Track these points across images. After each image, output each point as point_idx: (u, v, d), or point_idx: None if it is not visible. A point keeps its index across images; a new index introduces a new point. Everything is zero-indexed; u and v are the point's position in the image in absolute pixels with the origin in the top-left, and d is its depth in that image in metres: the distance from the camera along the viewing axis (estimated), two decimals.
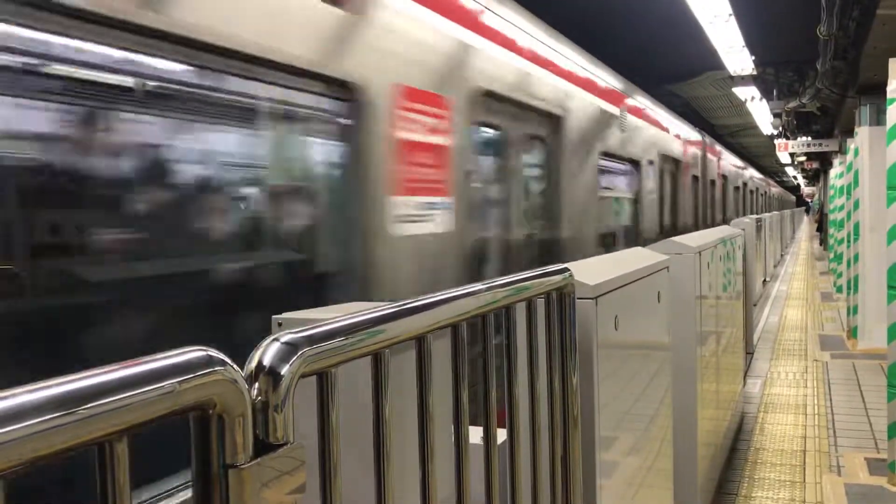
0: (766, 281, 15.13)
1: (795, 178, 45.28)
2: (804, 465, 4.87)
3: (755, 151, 32.54)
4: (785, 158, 27.88)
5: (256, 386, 0.90)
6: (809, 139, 18.18)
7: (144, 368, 0.75)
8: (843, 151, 13.30)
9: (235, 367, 0.85)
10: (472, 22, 3.93)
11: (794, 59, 13.55)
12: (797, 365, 7.92)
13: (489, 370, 1.51)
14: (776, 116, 16.51)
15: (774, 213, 19.35)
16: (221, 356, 0.83)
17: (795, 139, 18.47)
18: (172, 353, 0.79)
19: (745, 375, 6.73)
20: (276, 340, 0.95)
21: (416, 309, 1.27)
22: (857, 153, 8.79)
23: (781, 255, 22.26)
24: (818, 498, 4.32)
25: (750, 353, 7.89)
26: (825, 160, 22.01)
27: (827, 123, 16.39)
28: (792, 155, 23.23)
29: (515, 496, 1.65)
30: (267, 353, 0.93)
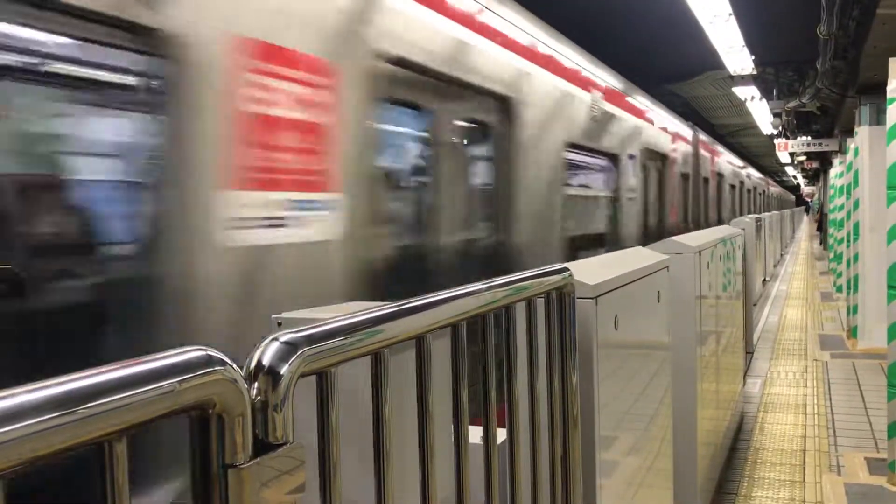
0: (765, 280, 15.14)
1: (795, 177, 45.32)
2: (804, 464, 4.87)
3: (755, 151, 32.58)
4: (785, 158, 27.89)
5: (256, 385, 0.90)
6: (809, 139, 18.20)
7: (144, 368, 0.75)
8: (842, 151, 13.31)
9: (235, 366, 0.85)
10: None
11: (793, 58, 13.56)
12: (797, 365, 7.92)
13: (489, 370, 1.51)
14: (776, 116, 16.53)
15: (774, 212, 19.34)
16: (221, 356, 0.83)
17: (795, 139, 18.49)
18: (172, 352, 0.79)
19: (744, 375, 6.73)
20: (275, 340, 0.95)
21: (415, 308, 1.27)
22: (856, 153, 8.79)
23: (781, 254, 22.27)
24: (818, 497, 4.32)
25: (750, 352, 7.89)
26: (825, 160, 22.02)
27: (827, 123, 16.40)
28: (792, 155, 23.24)
29: (515, 496, 1.65)
30: (266, 352, 0.93)
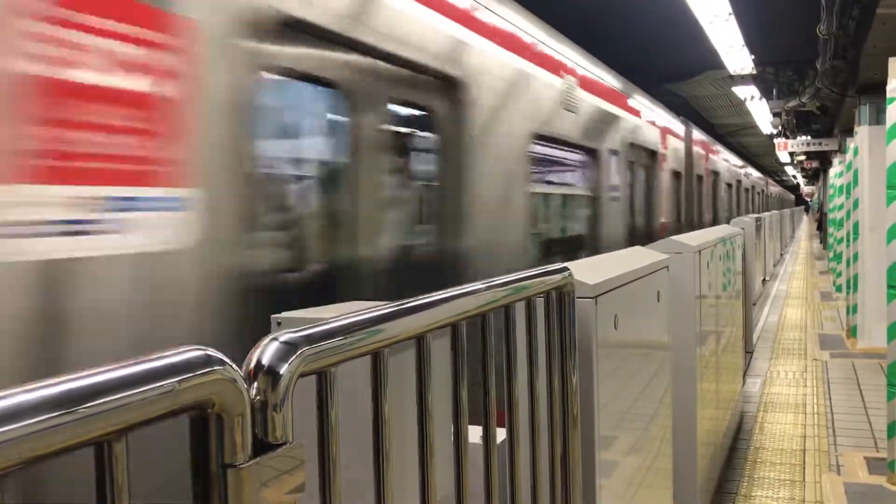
0: (765, 280, 15.14)
1: (795, 177, 45.33)
2: (804, 464, 4.87)
3: (755, 151, 32.60)
4: (784, 158, 27.90)
5: (255, 385, 0.90)
6: (809, 138, 18.20)
7: (143, 368, 0.75)
8: (842, 151, 13.31)
9: (234, 366, 0.85)
10: None
11: (793, 58, 13.56)
12: (797, 364, 7.92)
13: (489, 369, 1.51)
14: (776, 116, 16.54)
15: (774, 212, 19.34)
16: (220, 355, 0.83)
17: (795, 138, 18.50)
18: (171, 352, 0.79)
19: (744, 375, 6.73)
20: (274, 340, 0.95)
21: (415, 308, 1.27)
22: (856, 152, 8.80)
23: (781, 254, 22.27)
24: (818, 497, 4.32)
25: (749, 352, 7.89)
26: (825, 159, 22.03)
27: (826, 123, 16.40)
28: (791, 154, 23.24)
29: (515, 496, 1.65)
30: (266, 352, 0.93)
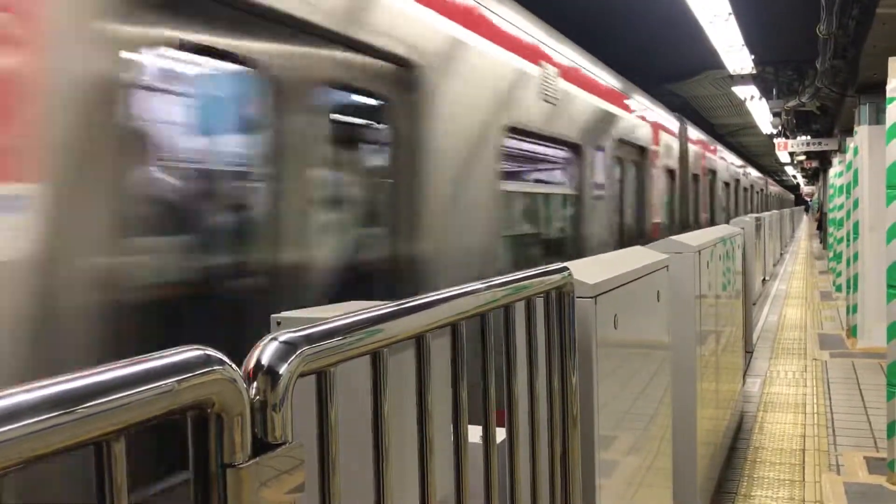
0: (765, 280, 15.14)
1: (795, 177, 45.33)
2: (803, 463, 4.87)
3: (755, 150, 32.62)
4: (784, 157, 27.90)
5: (255, 385, 0.90)
6: (809, 138, 18.20)
7: (142, 367, 0.75)
8: (842, 150, 13.32)
9: (234, 366, 0.85)
10: None
11: (793, 58, 13.57)
12: (796, 364, 7.92)
13: (488, 369, 1.51)
14: (776, 115, 16.54)
15: (773, 212, 19.34)
16: (220, 355, 0.83)
17: (795, 138, 18.50)
18: (170, 351, 0.79)
19: (744, 374, 6.73)
20: (274, 339, 0.95)
21: (414, 308, 1.26)
22: (856, 152, 8.80)
23: (781, 253, 22.27)
24: (817, 497, 4.32)
25: (749, 352, 7.88)
26: (824, 159, 22.03)
27: (826, 122, 16.40)
28: (791, 154, 23.24)
29: (514, 496, 1.65)
30: (265, 352, 0.93)
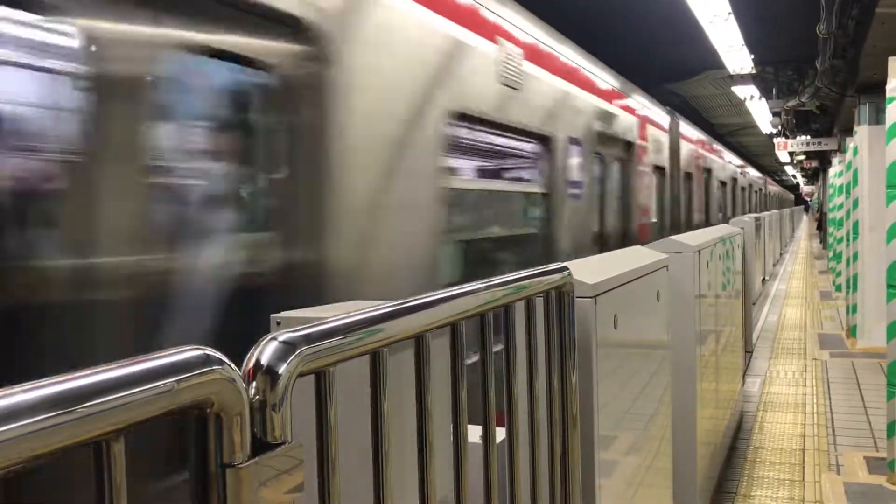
0: (765, 280, 15.14)
1: (795, 176, 45.33)
2: (803, 463, 4.87)
3: (755, 150, 32.61)
4: (784, 157, 27.90)
5: (254, 385, 0.90)
6: (808, 138, 18.20)
7: (141, 367, 0.75)
8: (842, 150, 13.31)
9: (233, 366, 0.85)
10: None
11: (793, 57, 13.56)
12: (796, 364, 7.92)
13: (488, 369, 1.51)
14: (775, 115, 16.52)
15: (773, 211, 19.33)
16: (219, 355, 0.83)
17: (795, 138, 18.49)
18: (169, 351, 0.79)
19: (744, 374, 6.73)
20: (273, 339, 0.95)
21: (414, 308, 1.26)
22: (856, 152, 8.80)
23: (781, 253, 22.27)
24: (817, 497, 4.32)
25: (749, 351, 7.89)
26: (824, 159, 22.02)
27: (826, 122, 16.40)
28: (791, 154, 23.24)
29: (514, 495, 1.65)
30: (265, 351, 0.93)
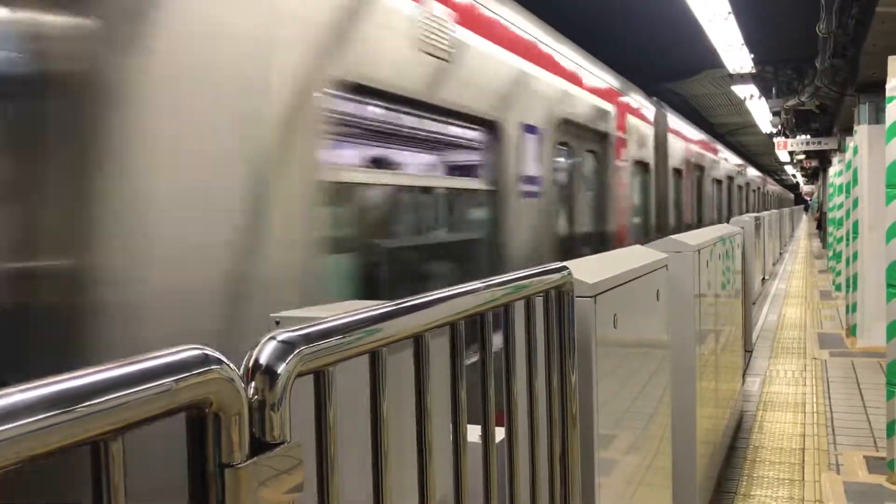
0: (765, 279, 15.14)
1: (794, 176, 45.33)
2: (803, 463, 4.87)
3: (754, 150, 32.61)
4: (784, 157, 27.90)
5: (253, 385, 0.90)
6: (808, 137, 18.21)
7: (140, 367, 0.75)
8: (842, 150, 13.32)
9: (231, 365, 0.84)
10: None
11: (793, 57, 13.55)
12: (796, 363, 7.92)
13: (487, 368, 1.51)
14: (775, 115, 16.53)
15: (773, 211, 19.33)
16: (218, 355, 0.83)
17: (794, 137, 18.50)
18: (168, 351, 0.79)
19: (743, 374, 6.73)
20: (272, 339, 0.95)
21: (413, 307, 1.26)
22: (856, 151, 8.79)
23: (780, 253, 22.27)
24: (817, 496, 4.32)
25: (749, 351, 7.89)
26: (824, 158, 22.04)
27: (826, 122, 16.41)
28: (791, 153, 23.24)
29: (514, 495, 1.65)
30: (263, 351, 0.93)
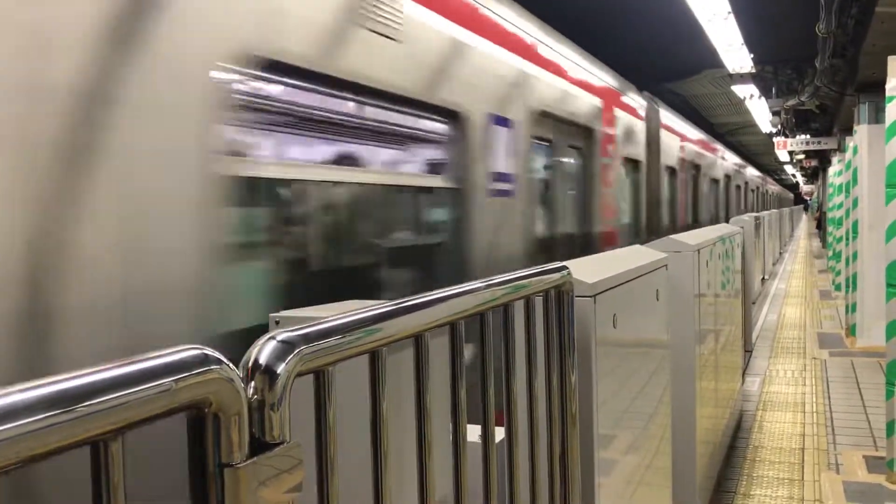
0: (764, 279, 15.14)
1: (794, 176, 45.32)
2: (803, 462, 4.87)
3: (754, 149, 32.61)
4: (784, 157, 27.90)
5: (252, 384, 0.90)
6: (808, 137, 18.20)
7: (139, 367, 0.75)
8: (841, 149, 13.31)
9: (231, 365, 0.84)
10: None
11: (792, 56, 13.55)
12: (796, 363, 7.92)
13: (487, 368, 1.51)
14: (775, 114, 16.53)
15: (773, 211, 19.33)
16: (217, 355, 0.83)
17: (794, 137, 18.49)
18: (168, 351, 0.79)
19: (743, 373, 6.73)
20: (272, 339, 0.95)
21: (413, 307, 1.26)
22: (855, 151, 8.79)
23: (780, 252, 22.27)
24: (817, 496, 4.32)
25: (749, 351, 7.89)
26: (824, 158, 22.03)
27: (826, 121, 16.40)
28: (791, 153, 23.24)
29: (514, 495, 1.65)
30: (263, 351, 0.92)
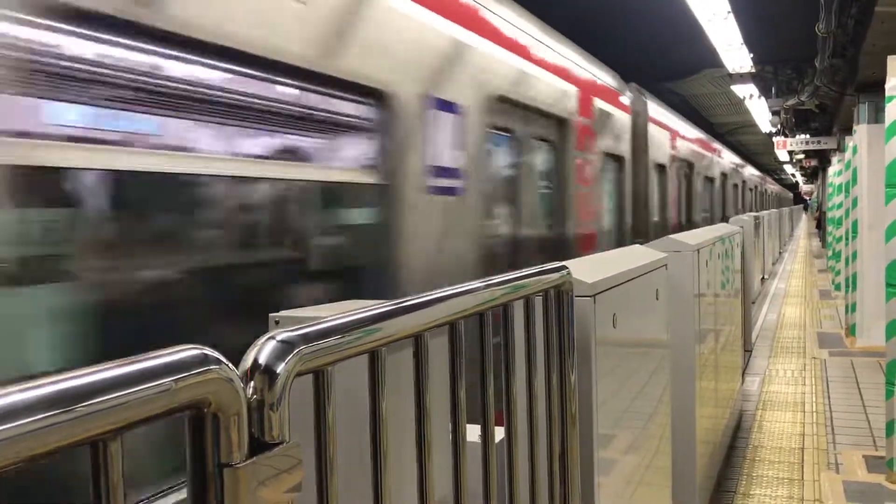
0: (764, 278, 15.14)
1: (794, 175, 45.32)
2: (802, 462, 4.87)
3: (754, 149, 32.62)
4: (783, 156, 27.91)
5: (252, 384, 0.89)
6: (808, 137, 18.21)
7: (139, 367, 0.74)
8: (841, 149, 13.32)
9: (231, 365, 0.84)
10: None
11: (792, 56, 13.55)
12: (795, 363, 7.93)
13: (487, 368, 1.51)
14: (775, 114, 16.54)
15: (772, 210, 19.34)
16: (217, 355, 0.83)
17: (794, 137, 18.50)
18: (167, 351, 0.79)
19: (743, 373, 6.73)
20: (271, 339, 0.94)
21: (413, 307, 1.26)
22: (855, 151, 8.80)
23: (780, 252, 22.27)
24: (816, 495, 4.32)
25: (748, 350, 7.88)
26: (824, 158, 22.05)
27: (825, 121, 16.41)
28: (790, 153, 23.26)
29: (513, 495, 1.65)
30: (262, 351, 0.92)
